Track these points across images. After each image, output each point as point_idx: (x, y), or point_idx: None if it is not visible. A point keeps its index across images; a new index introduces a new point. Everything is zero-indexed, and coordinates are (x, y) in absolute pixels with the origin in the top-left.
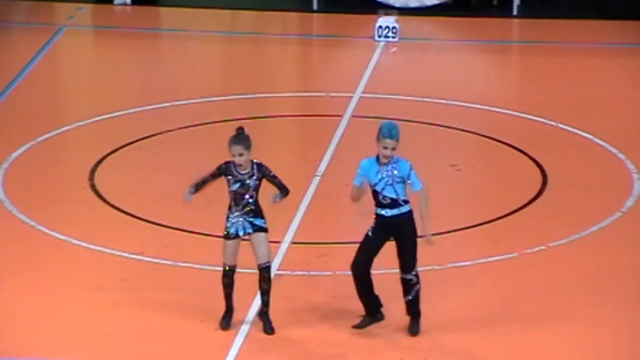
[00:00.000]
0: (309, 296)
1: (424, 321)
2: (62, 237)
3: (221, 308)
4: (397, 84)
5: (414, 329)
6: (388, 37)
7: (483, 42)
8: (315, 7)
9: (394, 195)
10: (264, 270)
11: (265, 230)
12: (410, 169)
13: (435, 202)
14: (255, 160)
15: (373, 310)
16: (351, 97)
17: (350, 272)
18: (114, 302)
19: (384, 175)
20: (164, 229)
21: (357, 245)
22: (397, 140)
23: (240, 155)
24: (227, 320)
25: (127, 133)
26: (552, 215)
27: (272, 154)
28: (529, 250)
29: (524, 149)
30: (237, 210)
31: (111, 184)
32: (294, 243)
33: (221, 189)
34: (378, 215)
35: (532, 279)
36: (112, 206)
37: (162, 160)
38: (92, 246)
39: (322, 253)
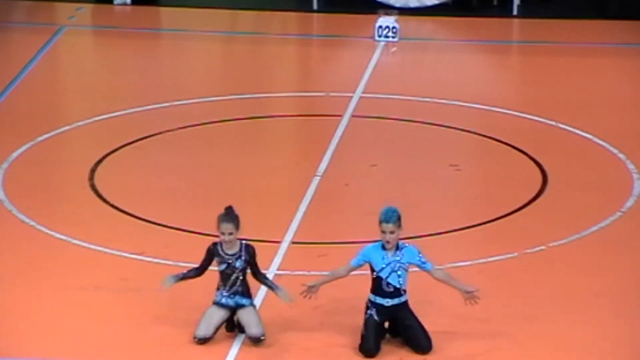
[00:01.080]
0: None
1: (423, 321)
2: (62, 237)
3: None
4: (397, 84)
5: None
6: (388, 37)
7: (483, 42)
8: (315, 7)
9: (397, 284)
10: (254, 340)
11: (254, 306)
12: (419, 252)
13: (434, 202)
14: (243, 242)
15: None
16: (351, 97)
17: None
18: (114, 302)
19: (391, 261)
20: (164, 228)
21: (357, 245)
22: (397, 224)
23: (230, 234)
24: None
25: (127, 133)
26: (552, 215)
27: (272, 153)
28: (528, 250)
29: (524, 149)
30: (224, 290)
31: (111, 183)
32: (293, 243)
33: (220, 186)
34: (376, 304)
35: (532, 279)
36: (112, 206)
37: (162, 160)
38: (91, 246)
39: (322, 253)
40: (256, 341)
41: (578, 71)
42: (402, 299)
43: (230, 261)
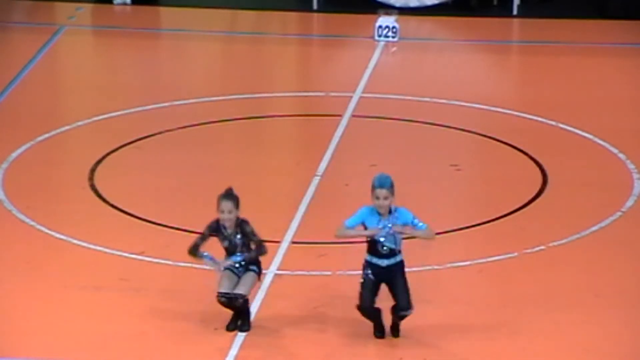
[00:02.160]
0: (309, 296)
1: (423, 320)
2: (62, 237)
3: (222, 309)
4: (397, 84)
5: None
6: (388, 36)
7: (483, 42)
8: (315, 6)
9: (392, 245)
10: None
11: (255, 272)
12: (413, 215)
13: (435, 202)
14: (239, 219)
15: (383, 326)
16: (351, 96)
17: (359, 307)
18: (114, 302)
19: (386, 225)
20: (164, 228)
21: (357, 245)
22: (390, 190)
23: (230, 212)
24: (234, 323)
25: (126, 133)
26: (552, 215)
27: (271, 153)
28: (528, 250)
29: (524, 149)
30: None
31: (111, 183)
32: (293, 243)
33: (220, 186)
34: (372, 264)
35: (532, 279)
36: (112, 206)
37: (162, 160)
38: (91, 246)
39: (322, 253)
40: (235, 298)
41: (578, 71)
42: (398, 258)
43: (231, 239)
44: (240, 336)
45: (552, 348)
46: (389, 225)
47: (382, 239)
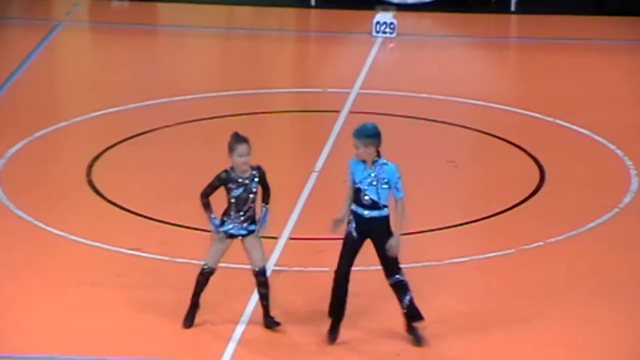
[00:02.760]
0: (306, 292)
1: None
2: (59, 233)
3: (220, 304)
4: (394, 80)
5: (419, 339)
6: (386, 33)
7: (481, 39)
8: (312, 3)
9: (375, 197)
10: (260, 275)
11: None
12: (399, 176)
13: (432, 198)
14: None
15: (340, 316)
16: (349, 92)
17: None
18: (111, 299)
19: (370, 174)
20: (161, 225)
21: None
22: (361, 141)
23: (248, 154)
24: (190, 319)
25: (124, 129)
26: (550, 211)
27: (269, 150)
28: (526, 247)
29: (521, 145)
30: (236, 217)
31: (108, 179)
32: (291, 239)
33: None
34: (357, 215)
35: (530, 275)
36: (109, 202)
37: (159, 156)
38: (89, 242)
39: (320, 249)
40: (261, 274)
41: (576, 67)
42: (383, 212)
43: (246, 184)
44: (238, 331)
45: (549, 344)
46: (374, 174)
47: (365, 188)
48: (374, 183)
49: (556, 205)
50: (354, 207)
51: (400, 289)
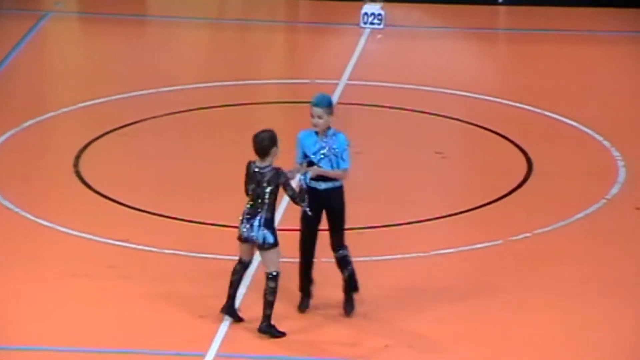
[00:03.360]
0: (296, 283)
1: (409, 307)
2: (47, 224)
3: (206, 294)
4: (382, 71)
5: (349, 307)
6: (374, 24)
7: (469, 30)
8: None
9: (329, 168)
10: (270, 280)
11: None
12: (347, 146)
13: (420, 189)
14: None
15: (309, 290)
16: (337, 84)
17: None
18: (100, 290)
19: (323, 146)
20: (150, 216)
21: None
22: (326, 110)
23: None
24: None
25: (112, 119)
26: (537, 202)
27: None
28: (513, 238)
29: (509, 137)
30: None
31: (96, 170)
32: (280, 230)
33: (206, 173)
34: (312, 189)
35: (517, 267)
36: (97, 193)
37: (148, 147)
38: (77, 233)
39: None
40: (271, 281)
41: (564, 59)
42: (337, 183)
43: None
44: (226, 323)
45: (536, 335)
46: (327, 145)
47: (318, 159)
48: (327, 154)
49: (544, 196)
50: (308, 182)
51: (344, 263)
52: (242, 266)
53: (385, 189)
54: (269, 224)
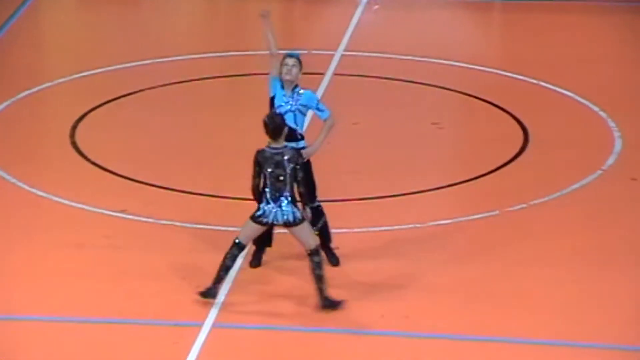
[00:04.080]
0: (293, 253)
1: (405, 278)
2: (43, 194)
3: (202, 265)
4: (379, 42)
5: (333, 259)
6: None
7: (466, 0)
8: None
9: (292, 124)
10: (311, 255)
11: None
12: (317, 99)
13: (417, 160)
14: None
15: (262, 246)
16: (333, 54)
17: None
18: (96, 259)
19: (289, 100)
20: (145, 186)
21: (340, 203)
22: (297, 61)
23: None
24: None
25: (108, 90)
26: (534, 173)
27: (254, 111)
28: (510, 209)
29: (505, 107)
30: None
31: (92, 141)
32: None
33: (202, 144)
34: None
35: (513, 237)
36: (93, 163)
37: (143, 118)
38: (73, 203)
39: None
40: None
41: (560, 29)
42: (300, 144)
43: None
44: (222, 293)
45: (533, 305)
46: (293, 101)
47: (282, 113)
48: (293, 109)
49: (540, 167)
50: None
51: (318, 213)
52: (240, 251)
53: (382, 160)
54: (294, 200)
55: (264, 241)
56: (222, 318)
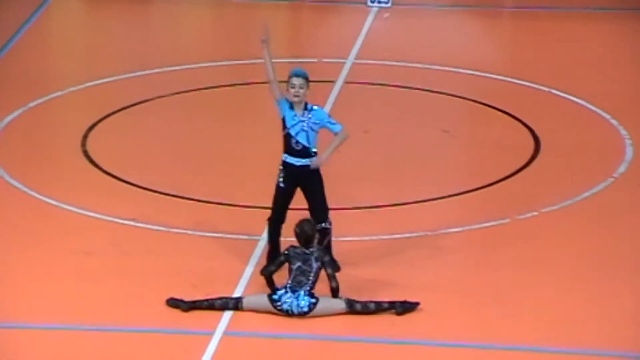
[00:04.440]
0: None
1: (416, 285)
2: (54, 202)
3: (213, 272)
4: (389, 50)
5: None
6: (381, 3)
7: (475, 8)
8: None
9: (305, 143)
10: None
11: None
12: (327, 115)
13: (427, 168)
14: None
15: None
16: (344, 62)
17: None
18: (104, 267)
19: (301, 120)
20: (155, 194)
21: (350, 212)
22: (304, 81)
23: None
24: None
25: (119, 99)
26: (545, 180)
27: (264, 119)
28: (521, 216)
29: (516, 115)
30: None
31: (103, 149)
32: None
33: (212, 152)
34: (288, 164)
35: (524, 245)
36: (104, 171)
37: (154, 126)
38: (83, 211)
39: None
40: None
41: (571, 37)
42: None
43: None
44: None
45: (544, 313)
46: (304, 120)
47: (295, 133)
48: (305, 129)
49: (551, 174)
50: (284, 157)
51: (323, 235)
52: (234, 308)
53: (392, 167)
54: (311, 292)
55: (277, 250)
56: (233, 325)
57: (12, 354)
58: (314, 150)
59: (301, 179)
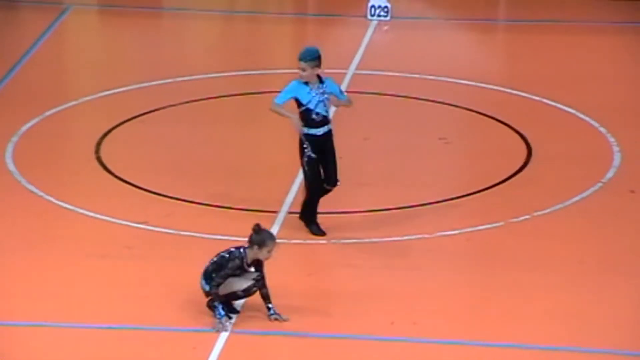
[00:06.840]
0: (305, 263)
1: (414, 286)
2: (69, 207)
3: None
4: (389, 61)
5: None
6: (380, 16)
7: (470, 21)
8: None
9: (324, 112)
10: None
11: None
12: (338, 85)
13: (425, 173)
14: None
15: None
16: (345, 73)
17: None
18: (119, 269)
19: (317, 93)
20: (166, 199)
21: (351, 215)
22: (309, 63)
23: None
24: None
25: (131, 108)
26: (537, 186)
27: (269, 128)
28: (514, 220)
29: (510, 123)
30: None
31: (116, 155)
32: (290, 213)
33: (220, 159)
34: (311, 136)
35: (518, 247)
36: (117, 177)
37: (165, 134)
38: (97, 215)
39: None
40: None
41: (562, 48)
42: (330, 126)
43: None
44: (239, 302)
45: (538, 314)
46: (320, 92)
47: (314, 107)
48: (322, 99)
49: (543, 180)
50: (305, 129)
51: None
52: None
53: (391, 173)
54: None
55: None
56: (240, 324)
57: (29, 353)
58: (330, 117)
59: (324, 144)
